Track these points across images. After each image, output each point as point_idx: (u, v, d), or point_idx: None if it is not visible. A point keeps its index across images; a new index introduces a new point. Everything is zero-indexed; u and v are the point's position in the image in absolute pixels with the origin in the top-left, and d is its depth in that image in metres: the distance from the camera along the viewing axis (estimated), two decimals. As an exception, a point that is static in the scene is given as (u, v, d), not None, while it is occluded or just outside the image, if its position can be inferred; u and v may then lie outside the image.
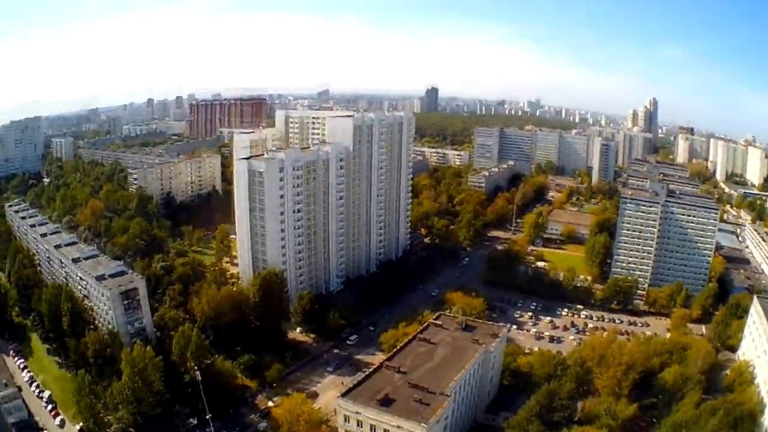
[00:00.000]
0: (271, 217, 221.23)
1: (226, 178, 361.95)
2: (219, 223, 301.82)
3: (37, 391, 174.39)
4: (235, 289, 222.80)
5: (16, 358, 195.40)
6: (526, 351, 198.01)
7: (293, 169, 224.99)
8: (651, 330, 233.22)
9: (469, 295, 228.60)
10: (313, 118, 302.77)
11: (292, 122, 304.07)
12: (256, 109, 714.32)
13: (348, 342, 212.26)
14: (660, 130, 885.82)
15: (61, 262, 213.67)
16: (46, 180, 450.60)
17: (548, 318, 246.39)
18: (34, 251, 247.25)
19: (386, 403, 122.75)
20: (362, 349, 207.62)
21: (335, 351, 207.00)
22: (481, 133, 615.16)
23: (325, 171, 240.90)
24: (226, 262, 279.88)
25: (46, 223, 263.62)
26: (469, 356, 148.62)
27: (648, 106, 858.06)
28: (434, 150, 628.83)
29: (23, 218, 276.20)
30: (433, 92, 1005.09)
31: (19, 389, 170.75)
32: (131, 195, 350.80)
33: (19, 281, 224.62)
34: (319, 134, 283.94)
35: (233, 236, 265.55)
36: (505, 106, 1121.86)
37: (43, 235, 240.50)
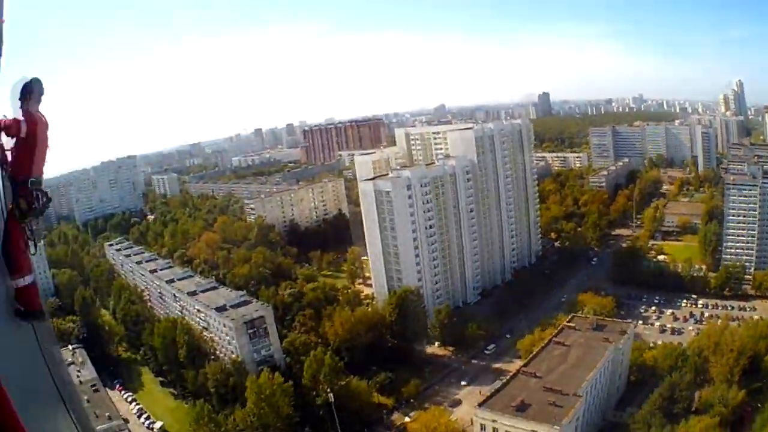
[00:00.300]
0: (402, 236, 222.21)
1: (352, 201, 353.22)
2: (349, 245, 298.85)
3: (147, 422, 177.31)
4: (370, 309, 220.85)
5: (123, 392, 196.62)
6: (651, 345, 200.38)
7: (421, 186, 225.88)
8: (758, 314, 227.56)
9: (599, 294, 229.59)
10: (434, 133, 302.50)
11: (413, 139, 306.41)
12: (373, 130, 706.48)
13: (486, 352, 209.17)
14: (749, 111, 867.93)
15: (175, 296, 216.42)
16: (150, 217, 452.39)
17: (670, 310, 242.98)
18: (143, 287, 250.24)
19: (522, 408, 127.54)
20: (500, 357, 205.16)
21: (473, 362, 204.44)
22: (595, 133, 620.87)
23: (453, 185, 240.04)
24: (359, 284, 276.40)
25: (156, 259, 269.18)
26: (600, 355, 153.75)
27: (735, 89, 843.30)
28: (555, 154, 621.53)
29: (127, 256, 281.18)
30: (545, 98, 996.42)
31: (126, 421, 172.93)
32: (250, 225, 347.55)
33: (126, 317, 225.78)
34: (442, 149, 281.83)
35: (365, 257, 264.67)
36: (612, 104, 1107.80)
37: (153, 271, 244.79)
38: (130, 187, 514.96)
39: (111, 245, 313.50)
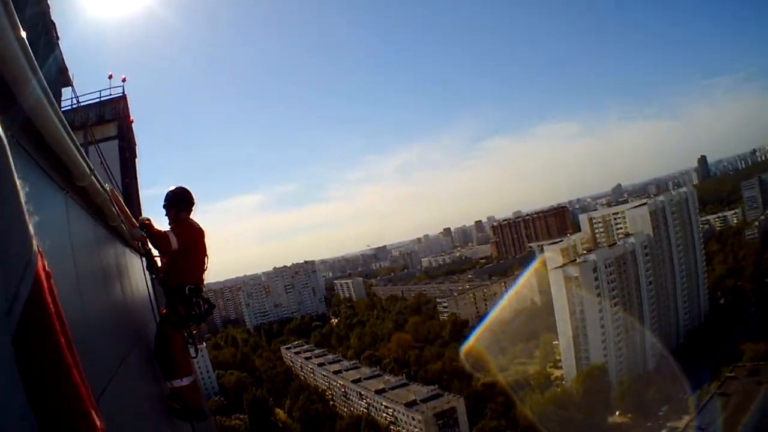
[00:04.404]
0: (590, 316, 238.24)
1: (542, 290, 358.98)
2: (540, 332, 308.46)
3: None
4: (559, 390, 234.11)
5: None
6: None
7: (605, 267, 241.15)
8: None
9: (756, 342, 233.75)
10: (614, 214, 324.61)
11: (595, 222, 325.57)
12: (559, 218, 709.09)
13: (659, 413, 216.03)
14: None
15: (361, 395, 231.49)
16: (334, 320, 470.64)
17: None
18: (325, 387, 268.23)
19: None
20: (673, 416, 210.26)
21: (648, 425, 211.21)
22: (745, 186, 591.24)
23: (633, 261, 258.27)
24: (550, 367, 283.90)
25: (340, 361, 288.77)
26: (753, 398, 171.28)
27: None
28: (715, 215, 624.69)
29: (308, 358, 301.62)
30: (703, 161, 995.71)
31: None
32: (443, 322, 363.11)
33: (304, 416, 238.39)
34: (621, 228, 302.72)
35: (555, 342, 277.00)
36: (757, 153, 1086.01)
37: (337, 372, 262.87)
38: (309, 291, 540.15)
39: (288, 348, 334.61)
